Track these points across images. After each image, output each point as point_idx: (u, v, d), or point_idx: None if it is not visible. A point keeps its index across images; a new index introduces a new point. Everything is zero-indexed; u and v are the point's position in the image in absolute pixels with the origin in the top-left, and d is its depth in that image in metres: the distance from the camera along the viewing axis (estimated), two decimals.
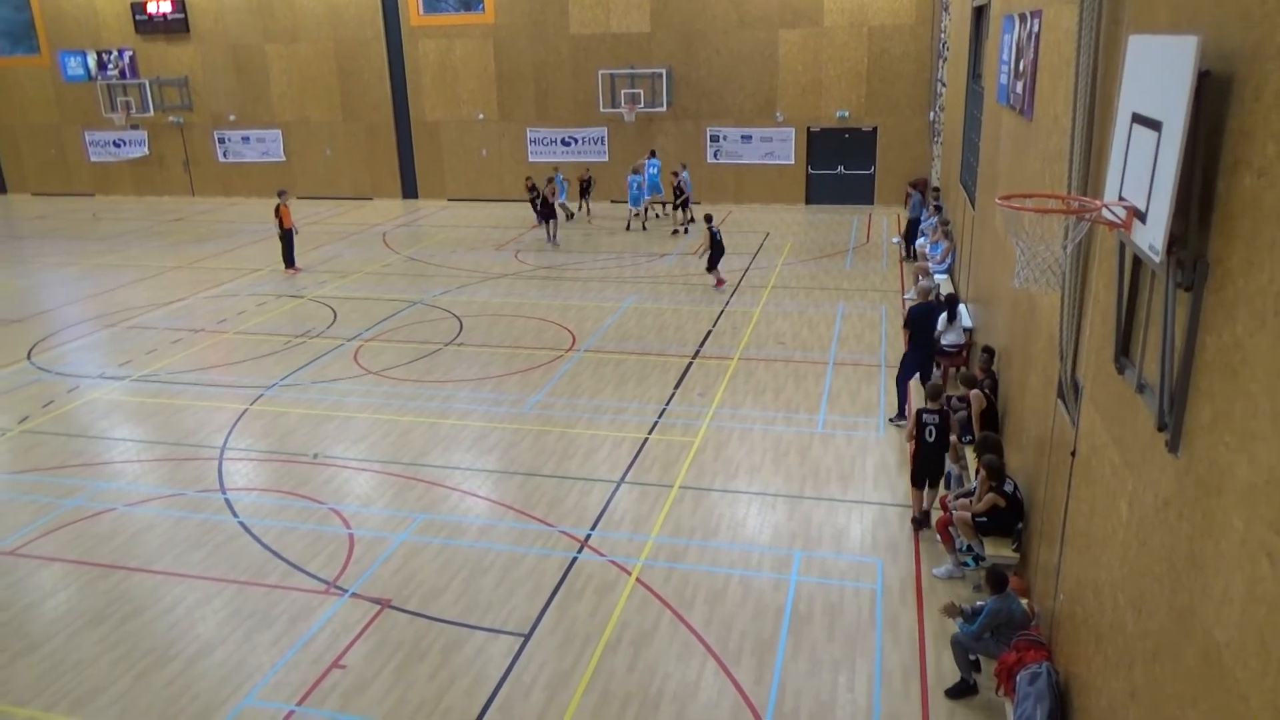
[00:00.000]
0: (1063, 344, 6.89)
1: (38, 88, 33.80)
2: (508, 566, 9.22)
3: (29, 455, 12.12)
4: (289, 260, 21.69)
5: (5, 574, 9.35)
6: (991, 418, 10.12)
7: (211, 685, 7.63)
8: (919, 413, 9.64)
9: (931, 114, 26.40)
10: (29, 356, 16.12)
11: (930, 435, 9.49)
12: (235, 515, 10.40)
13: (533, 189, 25.77)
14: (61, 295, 20.31)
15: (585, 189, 27.15)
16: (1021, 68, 10.13)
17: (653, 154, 26.82)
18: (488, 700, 7.37)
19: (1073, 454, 6.69)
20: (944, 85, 24.05)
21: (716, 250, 18.99)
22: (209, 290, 20.26)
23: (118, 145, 33.65)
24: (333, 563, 9.37)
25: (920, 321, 12.20)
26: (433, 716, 7.20)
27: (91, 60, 32.77)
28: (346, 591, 8.86)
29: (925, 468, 9.62)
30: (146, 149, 33.33)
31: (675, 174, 25.60)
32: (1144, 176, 4.44)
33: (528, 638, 8.13)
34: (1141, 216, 4.49)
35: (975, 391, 10.05)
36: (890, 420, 12.37)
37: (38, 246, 25.84)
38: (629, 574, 9.03)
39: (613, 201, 29.62)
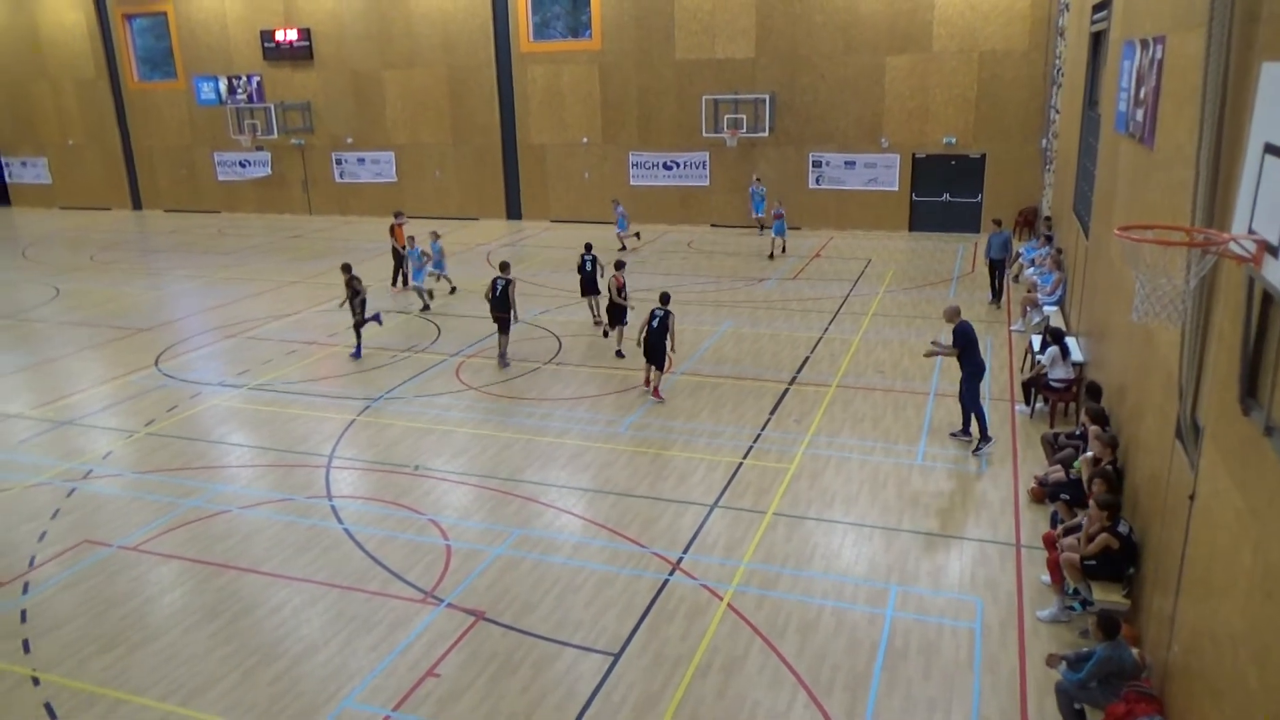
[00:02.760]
0: (1183, 382, 6.59)
1: (173, 111, 36.00)
2: (600, 585, 9.28)
3: (153, 456, 12.82)
4: (396, 279, 22.43)
5: (129, 568, 9.90)
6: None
7: (314, 686, 7.91)
8: None
9: (1043, 141, 25.68)
10: (156, 363, 17.08)
11: None
12: (340, 522, 10.77)
13: (353, 282, 16.60)
14: (188, 306, 21.48)
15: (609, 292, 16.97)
16: (1142, 95, 9.79)
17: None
18: (578, 716, 7.42)
19: (1191, 497, 6.38)
20: (1057, 112, 23.37)
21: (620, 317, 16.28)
22: (322, 305, 21.11)
23: (243, 165, 35.50)
24: (430, 573, 9.60)
25: (967, 339, 11.91)
26: None
27: (223, 85, 34.73)
28: (443, 601, 9.07)
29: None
30: (269, 169, 35.07)
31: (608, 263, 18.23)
32: (1277, 209, 4.25)
33: (618, 657, 8.16)
34: (1274, 250, 4.30)
35: (1095, 428, 9.66)
36: (974, 453, 12.05)
37: (168, 260, 27.41)
38: (720, 599, 8.98)
39: (713, 226, 29.73)
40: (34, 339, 18.95)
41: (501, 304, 15.86)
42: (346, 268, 16.93)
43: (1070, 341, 13.32)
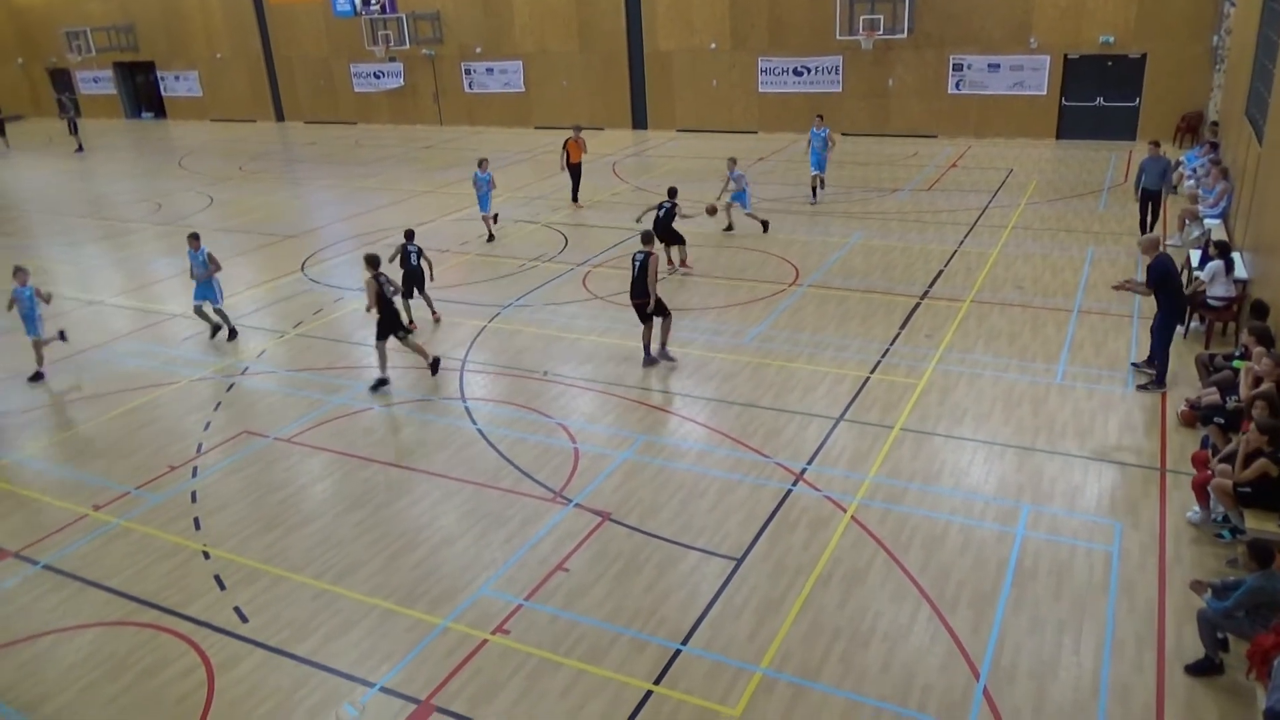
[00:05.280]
0: None
1: (311, 23, 36.89)
2: (723, 492, 9.41)
3: (303, 356, 13.59)
4: (576, 195, 21.74)
5: (284, 457, 10.63)
6: None
7: (452, 573, 8.38)
8: None
9: (1214, 38, 23.49)
10: (302, 268, 17.96)
11: None
12: (474, 423, 11.22)
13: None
14: (329, 214, 22.36)
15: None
16: None
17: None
18: (699, 617, 7.63)
19: None
20: (1232, 4, 21.26)
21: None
22: (453, 214, 21.62)
23: (377, 77, 36.26)
24: (559, 474, 9.93)
25: (1166, 277, 10.90)
26: (648, 625, 7.56)
27: None
28: (571, 502, 9.39)
29: None
30: (402, 80, 35.70)
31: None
32: None
33: (740, 562, 8.30)
34: None
35: (1260, 348, 9.01)
36: (1134, 364, 11.53)
37: (310, 170, 28.51)
38: (844, 511, 8.98)
39: (843, 134, 28.71)
40: None
41: (640, 285, 12.16)
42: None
43: (1235, 256, 12.39)
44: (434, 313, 14.68)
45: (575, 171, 21.54)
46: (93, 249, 20.37)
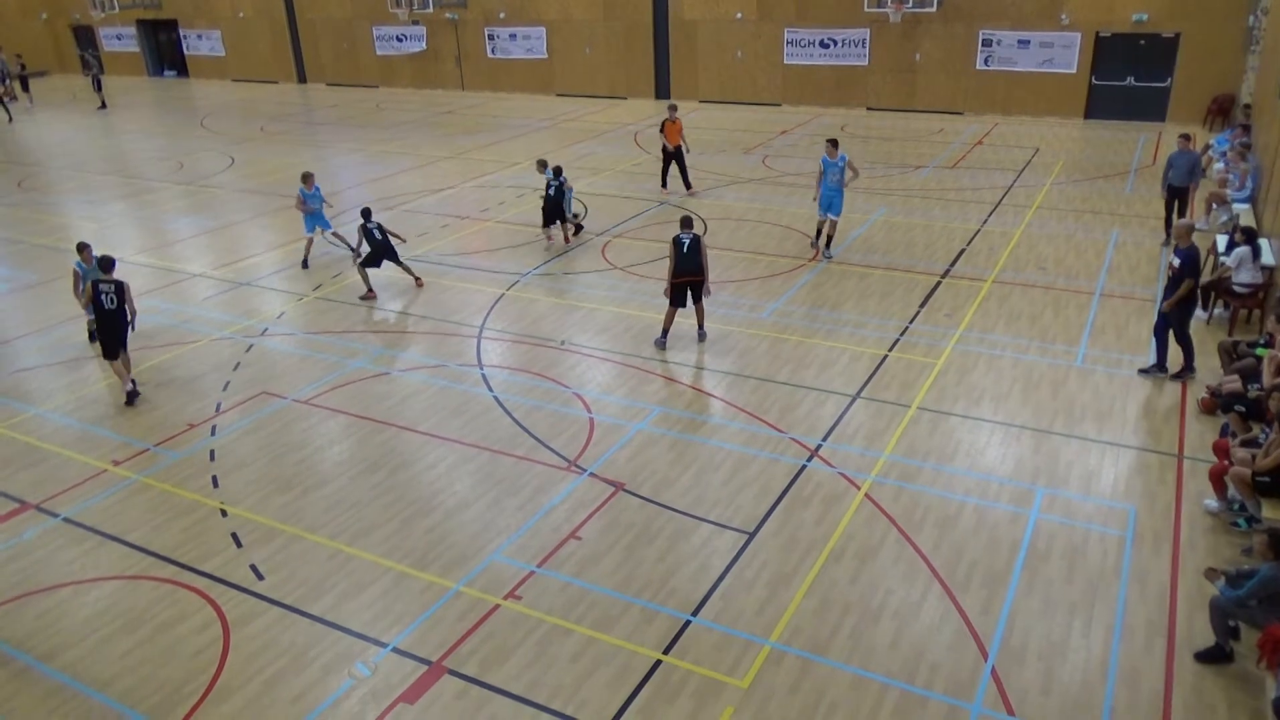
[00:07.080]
0: None
1: None
2: (737, 466, 9.42)
3: (321, 319, 13.64)
4: (665, 180, 19.70)
5: (302, 419, 10.71)
6: None
7: (465, 538, 8.44)
8: None
9: (1251, 18, 22.99)
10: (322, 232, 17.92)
11: None
12: (490, 389, 11.26)
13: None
14: (349, 178, 22.34)
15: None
16: None
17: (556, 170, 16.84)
18: (711, 588, 7.67)
19: None
20: None
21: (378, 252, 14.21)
22: (474, 180, 21.57)
23: (400, 40, 36.02)
24: (574, 443, 9.96)
25: (1196, 266, 10.61)
26: (659, 595, 7.61)
27: None
28: (585, 471, 9.42)
29: None
30: (424, 44, 35.46)
31: None
32: None
33: (752, 536, 8.33)
34: None
35: (1271, 353, 8.92)
36: (1140, 371, 11.17)
37: (331, 133, 28.45)
38: (858, 488, 8.97)
39: (869, 109, 28.38)
40: (214, 205, 20.23)
41: (694, 263, 11.92)
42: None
43: (1263, 242, 12.21)
44: (415, 278, 14.73)
45: (676, 156, 19.09)
46: (115, 206, 20.46)
